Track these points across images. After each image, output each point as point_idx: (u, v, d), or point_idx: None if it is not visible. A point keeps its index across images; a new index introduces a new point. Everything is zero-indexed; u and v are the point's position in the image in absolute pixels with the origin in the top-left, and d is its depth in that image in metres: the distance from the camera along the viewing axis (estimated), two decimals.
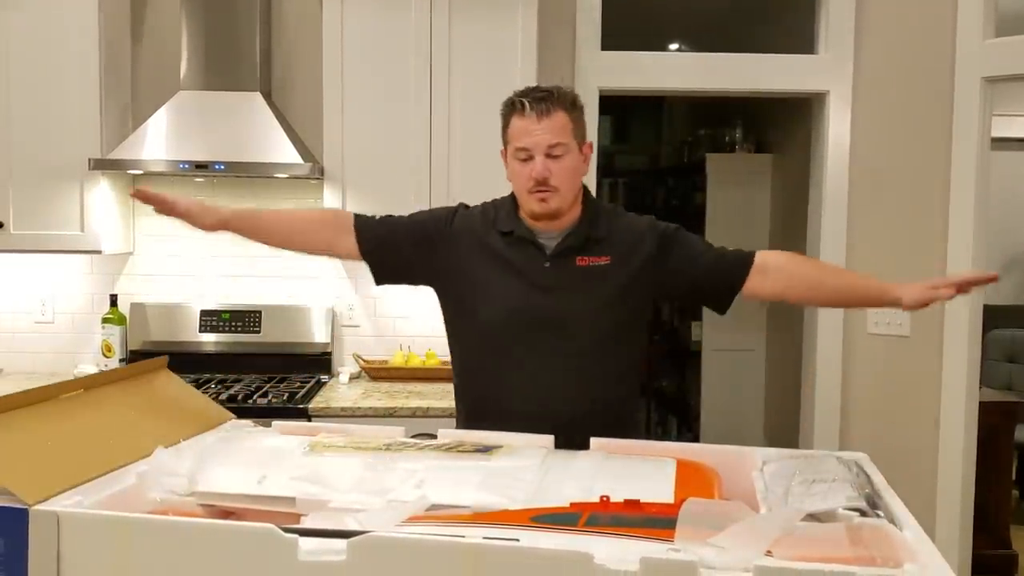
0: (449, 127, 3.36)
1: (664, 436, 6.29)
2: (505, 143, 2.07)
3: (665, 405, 6.56)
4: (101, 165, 3.24)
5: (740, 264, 2.08)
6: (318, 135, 3.43)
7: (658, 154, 6.77)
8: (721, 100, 4.87)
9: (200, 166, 3.22)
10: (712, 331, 5.38)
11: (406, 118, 3.36)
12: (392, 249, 2.16)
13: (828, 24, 3.68)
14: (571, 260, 2.01)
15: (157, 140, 3.28)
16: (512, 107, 2.02)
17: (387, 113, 3.36)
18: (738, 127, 5.44)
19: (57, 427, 1.38)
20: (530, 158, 1.97)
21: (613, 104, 3.67)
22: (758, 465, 1.50)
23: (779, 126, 5.13)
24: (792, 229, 4.60)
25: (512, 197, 2.10)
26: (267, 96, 3.49)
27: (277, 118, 3.37)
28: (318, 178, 3.40)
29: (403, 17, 3.33)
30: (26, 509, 1.13)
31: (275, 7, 3.65)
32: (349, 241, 2.17)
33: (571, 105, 2.00)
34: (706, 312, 5.31)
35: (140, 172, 3.37)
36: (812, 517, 1.23)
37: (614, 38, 3.72)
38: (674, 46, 5.26)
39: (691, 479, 1.42)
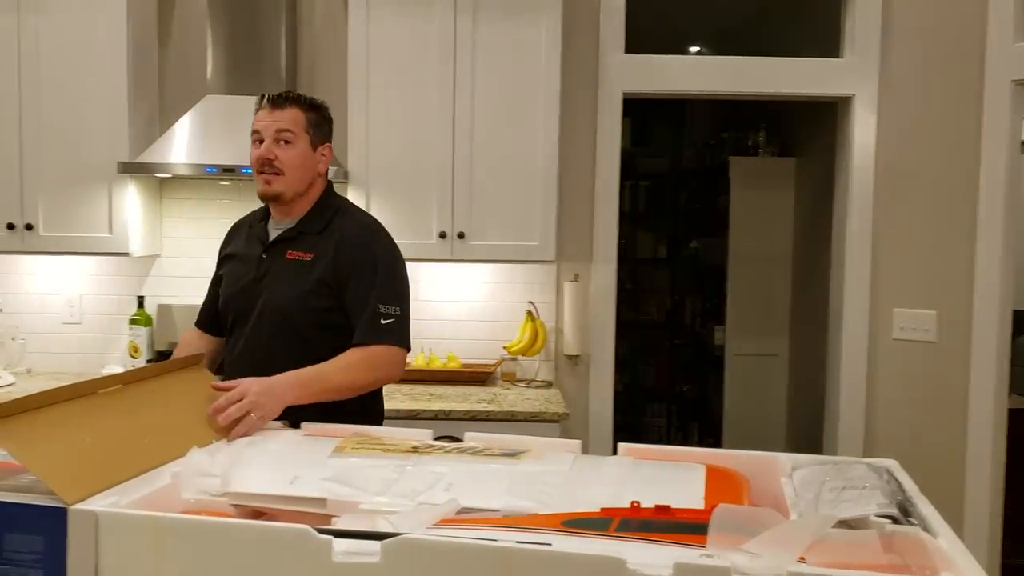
0: (472, 131, 3.37)
1: (685, 442, 6.27)
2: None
3: (686, 410, 6.54)
4: (129, 168, 3.27)
5: (357, 321, 2.15)
6: (342, 139, 3.44)
7: (680, 157, 6.76)
8: (744, 103, 4.86)
9: (227, 170, 3.24)
10: (735, 336, 5.35)
11: (430, 122, 3.38)
12: (210, 300, 2.39)
13: (854, 27, 3.66)
14: (283, 252, 2.21)
15: (184, 144, 3.31)
16: (257, 103, 2.22)
17: (411, 117, 3.38)
18: (762, 130, 5.42)
19: (95, 425, 1.39)
20: (261, 141, 2.17)
21: (634, 106, 3.66)
22: (787, 471, 1.50)
23: (803, 129, 5.10)
24: (816, 233, 4.58)
25: None
26: None
27: None
28: (342, 182, 3.41)
29: (427, 21, 3.35)
30: (64, 509, 1.14)
31: (300, 11, 3.67)
32: (207, 339, 2.37)
33: (308, 106, 2.21)
34: (730, 317, 5.35)
35: (168, 176, 3.41)
36: (844, 524, 1.23)
37: (638, 41, 3.72)
38: (695, 49, 5.26)
39: (721, 485, 1.42)
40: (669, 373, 6.67)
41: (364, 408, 2.16)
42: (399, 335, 2.15)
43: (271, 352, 2.14)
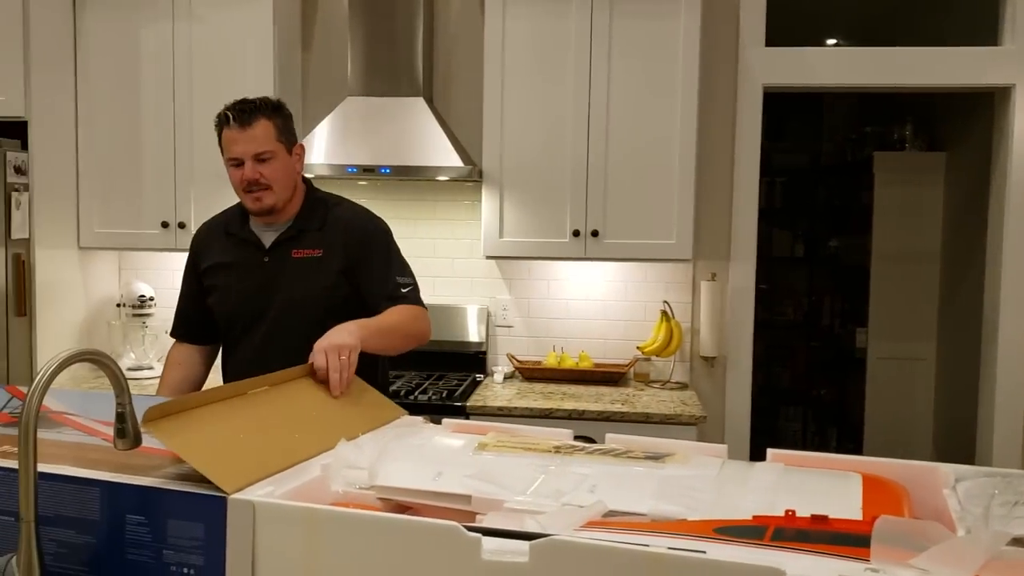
0: (607, 127, 3.34)
1: (822, 447, 6.06)
2: (221, 152, 2.26)
3: (823, 414, 6.32)
4: None
5: (381, 297, 2.24)
6: (477, 137, 3.48)
7: (819, 152, 6.53)
8: (887, 95, 4.65)
9: (367, 170, 3.32)
10: (878, 338, 5.14)
11: (564, 119, 3.37)
12: (195, 312, 2.40)
13: (1015, 13, 3.45)
14: (287, 253, 2.26)
15: (326, 145, 3.41)
16: (221, 120, 2.23)
17: (545, 115, 3.38)
18: (908, 123, 5.18)
19: (247, 422, 1.45)
20: (241, 164, 2.20)
21: (769, 99, 3.55)
22: (950, 483, 1.41)
23: (954, 122, 4.85)
24: (968, 230, 4.35)
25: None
26: (429, 100, 3.57)
27: (439, 122, 3.44)
28: (476, 180, 3.45)
29: (564, 19, 3.34)
30: (224, 498, 1.18)
31: (436, 11, 3.73)
32: (189, 351, 2.42)
33: (274, 112, 2.23)
34: (873, 318, 5.13)
35: (311, 176, 3.51)
36: (1018, 542, 1.15)
37: (778, 33, 3.61)
38: (831, 41, 5.07)
39: (878, 495, 1.35)
40: (805, 375, 6.46)
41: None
42: (418, 299, 2.31)
43: (294, 350, 2.11)
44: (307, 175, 3.48)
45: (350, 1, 3.54)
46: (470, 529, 1.10)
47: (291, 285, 2.25)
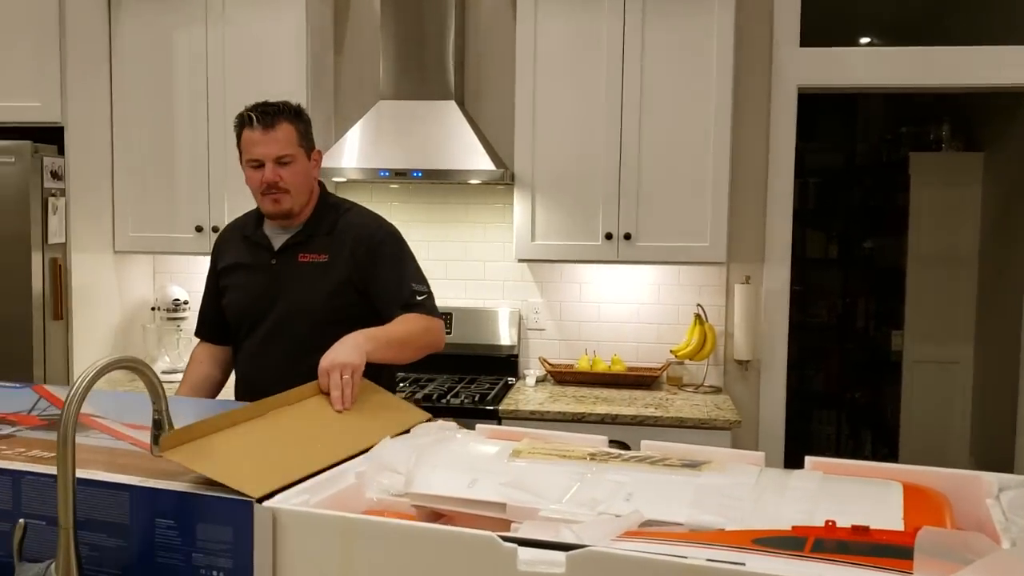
0: (640, 129, 3.32)
1: (856, 451, 5.99)
2: (240, 153, 2.26)
3: (858, 418, 6.25)
4: None
5: (394, 303, 2.22)
6: (508, 139, 3.47)
7: (853, 152, 6.45)
8: (923, 94, 4.59)
9: (399, 173, 3.32)
10: (915, 341, 5.07)
11: (597, 121, 3.35)
12: (213, 312, 2.44)
13: None
14: (294, 257, 2.28)
15: (358, 149, 3.42)
16: (242, 121, 2.23)
17: (578, 117, 3.36)
18: (945, 124, 5.11)
19: (267, 436, 1.48)
20: (261, 165, 2.20)
21: (803, 99, 3.52)
22: (993, 492, 1.38)
23: (992, 122, 4.78)
24: (1007, 232, 4.27)
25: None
26: (460, 103, 3.57)
27: (470, 125, 3.44)
28: (508, 183, 3.44)
29: (596, 20, 3.32)
30: (251, 502, 1.19)
31: (468, 14, 3.72)
32: (211, 350, 2.45)
33: (296, 116, 2.25)
34: (909, 321, 5.07)
35: (342, 180, 3.53)
36: None
37: (813, 33, 3.57)
38: (865, 40, 5.00)
39: (920, 505, 1.32)
40: (839, 378, 6.39)
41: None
42: (433, 308, 2.27)
43: (291, 354, 2.19)
44: (339, 179, 3.51)
45: (382, 4, 3.55)
46: (506, 539, 1.10)
47: (294, 289, 2.26)
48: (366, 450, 1.53)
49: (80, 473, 1.28)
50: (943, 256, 4.97)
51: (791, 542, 1.13)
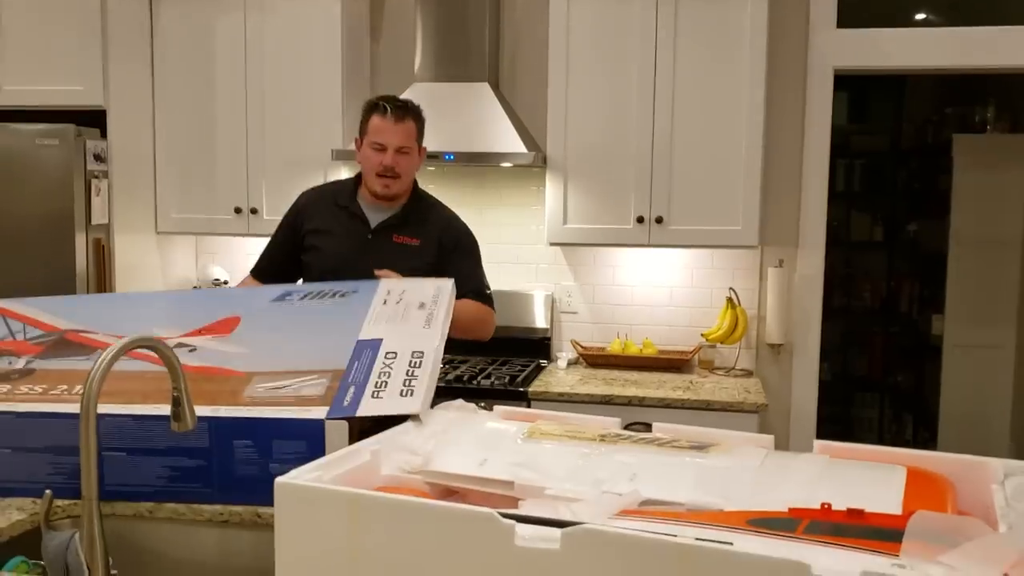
0: (672, 113, 3.32)
1: (898, 436, 5.93)
2: (362, 134, 2.55)
3: (900, 402, 6.18)
4: (342, 156, 3.46)
5: (466, 290, 2.45)
6: (541, 123, 3.49)
7: (899, 134, 6.34)
8: (970, 75, 4.50)
9: (432, 156, 3.35)
10: (956, 325, 4.99)
11: (629, 105, 3.35)
12: (282, 259, 2.66)
13: None
14: (389, 236, 2.53)
15: None
16: (375, 107, 2.52)
17: (610, 101, 3.37)
18: (990, 105, 5.00)
19: None
20: (383, 150, 2.47)
21: (849, 81, 3.48)
22: (999, 478, 1.39)
23: None
24: None
25: (353, 180, 2.62)
26: (494, 86, 3.59)
27: (504, 108, 3.46)
28: (541, 167, 3.46)
29: (629, 2, 3.32)
30: (322, 420, 1.44)
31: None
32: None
33: (418, 116, 2.56)
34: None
35: None
36: None
37: (852, 12, 3.52)
38: (920, 16, 4.90)
39: (922, 489, 1.33)
40: (883, 363, 6.31)
41: None
42: (493, 304, 2.64)
43: None
44: None
45: None
46: (505, 516, 1.13)
47: (385, 263, 2.40)
48: None
49: (156, 410, 1.56)
50: (986, 240, 4.88)
51: (785, 523, 1.15)
